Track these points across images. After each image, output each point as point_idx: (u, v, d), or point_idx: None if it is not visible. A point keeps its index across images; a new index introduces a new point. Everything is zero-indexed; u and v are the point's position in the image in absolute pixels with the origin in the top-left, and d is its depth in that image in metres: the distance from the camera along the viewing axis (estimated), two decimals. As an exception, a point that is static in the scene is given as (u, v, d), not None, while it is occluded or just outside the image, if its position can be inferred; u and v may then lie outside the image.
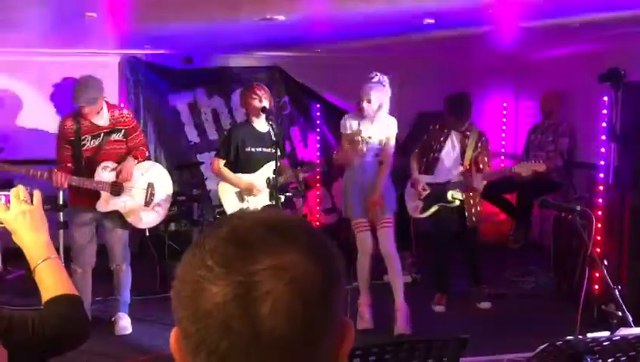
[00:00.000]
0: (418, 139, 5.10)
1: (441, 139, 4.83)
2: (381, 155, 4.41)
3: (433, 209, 4.79)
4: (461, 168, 4.77)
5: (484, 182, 4.72)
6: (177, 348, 0.74)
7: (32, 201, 1.50)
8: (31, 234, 1.45)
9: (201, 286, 0.69)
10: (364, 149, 4.33)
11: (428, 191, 4.76)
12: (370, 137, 4.36)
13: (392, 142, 4.43)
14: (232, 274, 0.67)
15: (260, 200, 4.48)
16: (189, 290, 0.70)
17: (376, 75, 4.31)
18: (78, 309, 1.42)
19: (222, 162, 4.53)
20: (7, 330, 1.28)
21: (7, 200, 1.48)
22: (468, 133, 4.80)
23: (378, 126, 4.38)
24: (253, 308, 0.66)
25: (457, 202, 4.77)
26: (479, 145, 4.79)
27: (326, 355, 0.72)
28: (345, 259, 0.77)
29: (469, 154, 4.76)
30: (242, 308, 0.66)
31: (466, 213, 4.80)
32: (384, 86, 4.30)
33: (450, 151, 4.81)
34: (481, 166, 4.77)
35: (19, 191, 1.48)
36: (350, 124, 4.41)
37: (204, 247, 0.71)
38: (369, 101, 4.28)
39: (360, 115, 4.38)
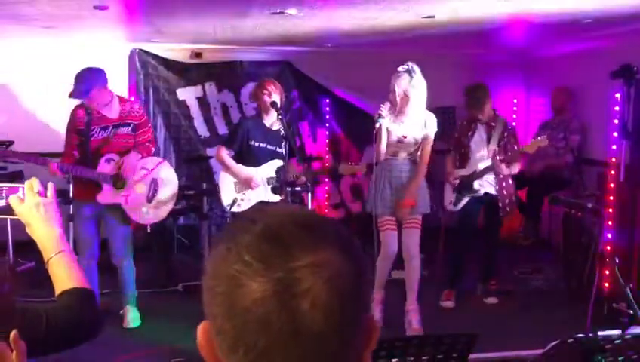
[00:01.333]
0: (452, 136, 5.13)
1: (469, 133, 4.88)
2: (415, 155, 4.28)
3: (464, 201, 4.82)
4: (488, 159, 4.79)
5: (518, 165, 4.81)
6: (206, 343, 0.74)
7: (45, 194, 1.50)
8: (44, 226, 1.45)
9: (238, 281, 0.68)
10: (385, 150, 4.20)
11: (458, 182, 4.80)
12: (404, 136, 4.22)
13: (430, 141, 4.25)
14: (272, 271, 0.67)
15: (256, 194, 4.49)
16: (225, 286, 0.70)
17: (406, 65, 4.11)
18: (90, 302, 1.43)
19: (226, 151, 4.55)
20: (20, 324, 1.28)
21: (22, 193, 1.48)
22: (493, 123, 4.87)
23: (413, 123, 4.21)
24: (293, 304, 0.67)
25: (482, 191, 4.77)
26: (506, 133, 4.86)
27: (355, 353, 0.73)
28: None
29: (493, 144, 4.80)
30: (282, 304, 0.67)
31: (500, 203, 4.82)
32: (412, 76, 4.07)
33: (478, 143, 4.86)
34: (509, 153, 4.80)
35: (33, 183, 1.48)
36: (382, 120, 4.16)
37: (240, 243, 0.71)
38: (393, 92, 4.11)
39: (393, 110, 4.19)
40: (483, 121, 4.87)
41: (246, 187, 4.50)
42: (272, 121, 4.51)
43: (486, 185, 4.81)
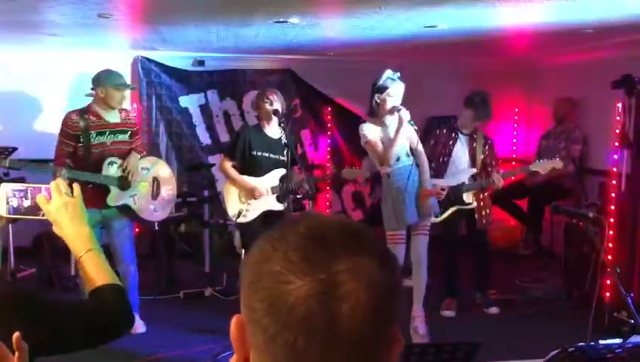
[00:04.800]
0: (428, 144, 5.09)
1: (450, 143, 4.84)
2: (413, 154, 4.30)
3: (450, 211, 4.77)
4: (473, 170, 4.78)
5: (502, 180, 4.74)
6: (239, 337, 0.76)
7: (72, 194, 1.52)
8: (73, 225, 1.48)
9: (283, 278, 0.70)
10: (391, 159, 4.18)
11: (446, 192, 4.72)
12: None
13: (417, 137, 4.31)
14: (316, 271, 0.69)
15: (261, 204, 4.49)
16: (269, 282, 0.71)
17: (390, 71, 4.20)
18: (123, 297, 1.46)
19: (229, 162, 4.56)
20: (54, 317, 1.31)
21: (48, 193, 1.51)
22: (475, 135, 4.85)
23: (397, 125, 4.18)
24: (334, 306, 0.68)
25: (474, 204, 4.77)
26: (486, 147, 4.85)
27: None
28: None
29: (479, 156, 4.79)
30: (324, 305, 0.68)
31: (476, 215, 4.80)
32: (400, 81, 4.18)
33: (460, 153, 4.82)
34: (489, 169, 4.79)
35: (59, 183, 1.51)
36: (370, 132, 4.21)
37: (286, 242, 0.73)
38: (390, 95, 4.14)
39: (376, 119, 4.23)
40: (465, 132, 4.85)
41: (251, 197, 4.50)
42: (273, 129, 4.52)
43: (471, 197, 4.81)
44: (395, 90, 4.16)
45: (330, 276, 0.69)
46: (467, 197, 4.77)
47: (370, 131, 4.23)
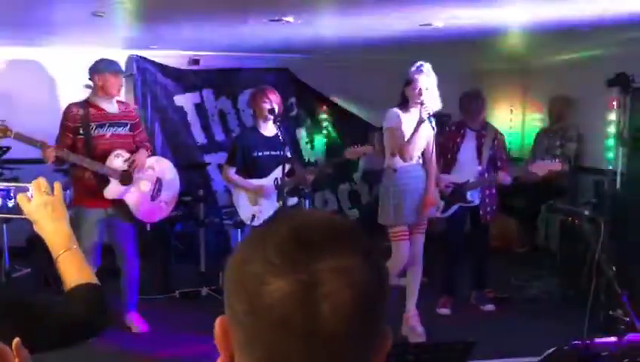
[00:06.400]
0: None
1: (458, 139, 4.86)
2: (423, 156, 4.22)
3: (454, 208, 4.77)
4: (479, 168, 4.77)
5: (509, 178, 4.71)
6: (224, 337, 0.75)
7: (52, 193, 1.51)
8: (52, 224, 1.47)
9: (263, 279, 0.69)
10: (413, 154, 4.11)
11: (451, 189, 4.73)
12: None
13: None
14: (295, 272, 0.68)
15: (271, 203, 4.48)
16: (249, 283, 0.71)
17: (420, 63, 4.11)
18: (100, 296, 1.44)
19: (231, 170, 4.54)
20: (29, 317, 1.30)
21: (30, 192, 1.50)
22: (484, 132, 4.85)
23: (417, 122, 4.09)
24: (314, 306, 0.67)
25: (477, 201, 4.77)
26: (495, 142, 4.84)
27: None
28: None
29: (485, 152, 4.78)
30: (303, 305, 0.67)
31: (481, 211, 4.81)
32: (427, 72, 4.09)
33: (467, 150, 4.83)
34: (499, 163, 4.78)
35: (40, 182, 1.50)
36: (396, 118, 4.09)
37: (267, 242, 0.72)
38: (426, 89, 4.05)
39: (406, 110, 4.12)
40: (474, 128, 4.87)
41: (260, 197, 4.48)
42: (268, 128, 4.51)
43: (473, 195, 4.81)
44: (423, 82, 4.06)
45: (310, 276, 0.68)
46: (470, 195, 4.76)
47: (397, 118, 4.12)
